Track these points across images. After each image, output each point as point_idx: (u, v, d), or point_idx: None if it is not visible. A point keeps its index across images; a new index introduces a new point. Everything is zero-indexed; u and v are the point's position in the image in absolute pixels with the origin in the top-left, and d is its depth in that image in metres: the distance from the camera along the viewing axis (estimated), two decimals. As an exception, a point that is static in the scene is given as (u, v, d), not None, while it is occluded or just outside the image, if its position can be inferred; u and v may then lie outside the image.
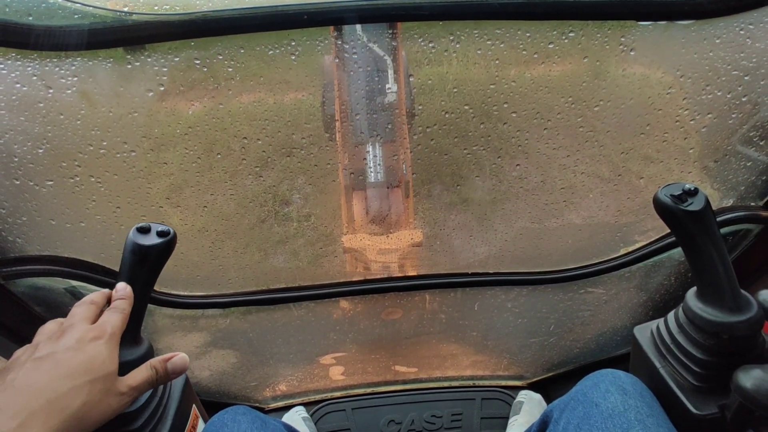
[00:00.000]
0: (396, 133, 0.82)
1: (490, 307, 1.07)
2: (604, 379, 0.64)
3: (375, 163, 0.89)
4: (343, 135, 0.82)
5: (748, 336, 0.59)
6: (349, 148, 0.85)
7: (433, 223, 0.91)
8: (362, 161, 0.88)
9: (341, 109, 0.79)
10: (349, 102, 0.77)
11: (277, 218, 0.89)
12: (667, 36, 0.62)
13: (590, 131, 0.72)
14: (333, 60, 0.70)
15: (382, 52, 0.73)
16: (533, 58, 0.63)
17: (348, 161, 0.87)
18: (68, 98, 0.62)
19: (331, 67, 0.72)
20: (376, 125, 0.81)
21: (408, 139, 0.81)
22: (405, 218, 0.94)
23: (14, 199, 0.71)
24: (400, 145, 0.83)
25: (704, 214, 0.59)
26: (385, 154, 0.87)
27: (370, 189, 0.94)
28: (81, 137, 0.66)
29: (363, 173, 0.90)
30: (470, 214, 0.90)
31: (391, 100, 0.78)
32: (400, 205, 0.94)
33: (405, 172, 0.88)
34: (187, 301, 0.92)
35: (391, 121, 0.79)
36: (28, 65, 0.58)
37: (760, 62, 0.63)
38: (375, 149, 0.87)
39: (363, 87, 0.75)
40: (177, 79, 0.62)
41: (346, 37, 0.67)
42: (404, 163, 0.86)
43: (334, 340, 1.15)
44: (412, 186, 0.88)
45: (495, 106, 0.69)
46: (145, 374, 0.50)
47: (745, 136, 0.72)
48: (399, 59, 0.73)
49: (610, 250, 0.92)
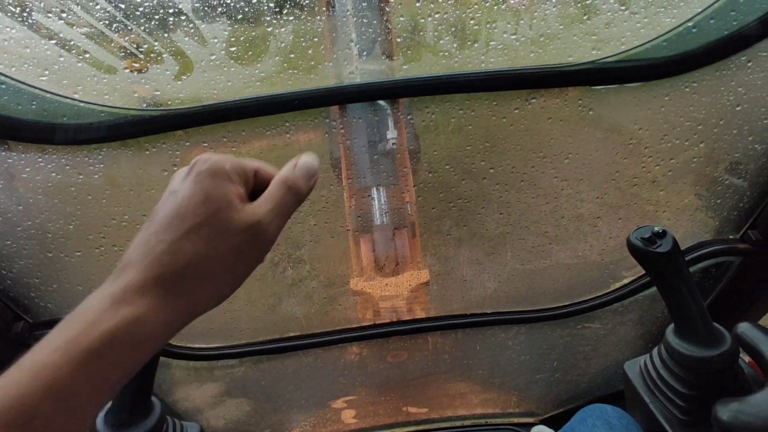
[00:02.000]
0: (399, 177, 0.86)
1: (492, 346, 1.10)
2: (591, 414, 0.67)
3: (380, 207, 0.94)
4: (347, 180, 0.88)
5: (724, 369, 0.62)
6: (354, 193, 0.90)
7: (434, 266, 0.96)
8: (368, 205, 0.93)
9: (345, 157, 0.84)
10: (351, 151, 0.82)
11: (291, 261, 0.95)
12: (621, 97, 0.68)
13: (564, 180, 0.78)
14: (329, 130, 0.77)
15: (378, 111, 0.78)
16: (502, 122, 0.71)
17: (354, 205, 0.92)
18: (96, 182, 0.71)
19: (332, 129, 0.78)
20: (379, 173, 0.85)
21: (412, 182, 0.85)
22: (411, 260, 0.98)
23: (47, 270, 0.80)
24: (404, 189, 0.88)
25: (672, 255, 0.63)
26: (390, 198, 0.92)
27: (376, 232, 0.99)
28: (106, 213, 0.75)
29: (369, 217, 0.94)
30: (466, 257, 0.95)
31: (392, 148, 0.83)
32: (405, 248, 0.99)
33: (410, 213, 0.93)
34: (202, 353, 0.98)
35: (394, 166, 0.84)
36: (62, 157, 0.68)
37: (709, 113, 0.69)
38: (379, 193, 0.92)
39: (362, 142, 0.80)
40: (188, 159, 0.71)
41: (336, 112, 0.75)
42: (409, 204, 0.91)
43: (344, 384, 1.18)
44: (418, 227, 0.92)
45: (473, 164, 0.76)
46: (279, 191, 0.36)
47: (711, 176, 0.77)
48: (397, 111, 0.79)
49: (601, 286, 0.96)
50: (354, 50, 0.66)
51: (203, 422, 1.14)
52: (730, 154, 0.74)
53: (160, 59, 0.64)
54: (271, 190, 0.36)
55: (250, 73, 0.66)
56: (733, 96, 0.67)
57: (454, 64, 0.67)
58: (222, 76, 0.66)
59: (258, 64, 0.66)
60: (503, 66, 0.66)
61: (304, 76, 0.66)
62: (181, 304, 0.31)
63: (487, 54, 0.66)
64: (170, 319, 0.31)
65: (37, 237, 0.76)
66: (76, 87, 0.64)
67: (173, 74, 0.65)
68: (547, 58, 0.65)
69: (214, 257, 0.32)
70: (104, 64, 0.63)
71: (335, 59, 0.67)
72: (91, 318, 0.29)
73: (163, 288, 0.31)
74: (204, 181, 0.33)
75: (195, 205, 0.33)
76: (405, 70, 0.68)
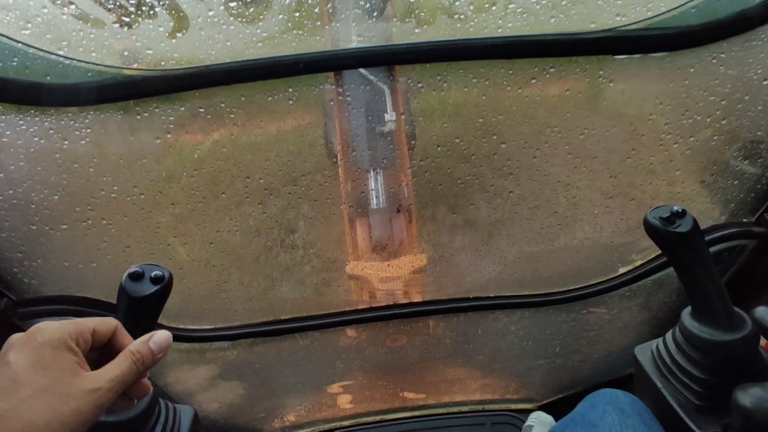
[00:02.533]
0: (397, 160, 0.83)
1: (494, 330, 1.08)
2: (601, 399, 0.64)
3: (377, 190, 0.90)
4: (344, 163, 0.84)
5: (745, 354, 0.60)
6: (351, 176, 0.87)
7: (435, 248, 0.93)
8: (364, 188, 0.90)
9: (342, 139, 0.81)
10: (348, 131, 0.80)
11: (284, 246, 0.92)
12: (643, 67, 0.65)
13: (578, 158, 0.75)
14: (331, 99, 0.73)
15: (379, 86, 0.75)
16: (517, 92, 0.67)
17: (350, 189, 0.89)
18: (82, 148, 0.66)
19: (330, 103, 0.75)
20: (377, 153, 0.82)
21: (409, 165, 0.82)
22: (408, 244, 0.96)
23: (30, 243, 0.75)
24: (401, 172, 0.85)
25: (692, 235, 0.61)
26: (387, 181, 0.89)
27: (372, 216, 0.96)
28: (93, 183, 0.70)
29: (366, 200, 0.92)
30: (470, 239, 0.92)
31: (391, 129, 0.80)
32: (403, 232, 0.96)
33: (407, 197, 0.90)
34: (195, 335, 0.95)
35: (391, 149, 0.81)
36: (45, 120, 0.63)
37: (735, 87, 0.66)
38: (376, 176, 0.89)
39: (362, 117, 0.77)
40: (183, 126, 0.67)
41: (343, 79, 0.70)
42: (406, 188, 0.88)
43: (341, 368, 1.16)
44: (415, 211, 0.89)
45: (485, 138, 0.72)
46: (123, 363, 0.41)
47: (729, 156, 0.74)
48: (397, 87, 0.75)
49: (609, 270, 0.94)
50: (363, 10, 0.61)
51: (196, 405, 1.11)
52: (752, 132, 0.71)
53: (152, 14, 0.59)
54: (117, 361, 0.41)
55: (251, 33, 0.61)
56: (761, 69, 0.64)
57: (469, 29, 0.62)
58: (220, 34, 0.61)
59: (260, 23, 0.61)
60: (522, 32, 0.62)
61: (310, 37, 0.62)
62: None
63: (505, 18, 0.62)
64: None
65: (20, 208, 0.71)
66: (60, 42, 0.59)
67: (167, 31, 0.60)
68: (569, 24, 0.61)
69: (56, 419, 0.35)
70: (91, 17, 0.58)
71: (343, 20, 0.62)
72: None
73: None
74: (43, 353, 0.37)
75: (34, 375, 0.36)
76: (417, 35, 0.64)
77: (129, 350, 0.42)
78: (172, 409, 0.68)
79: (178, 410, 0.70)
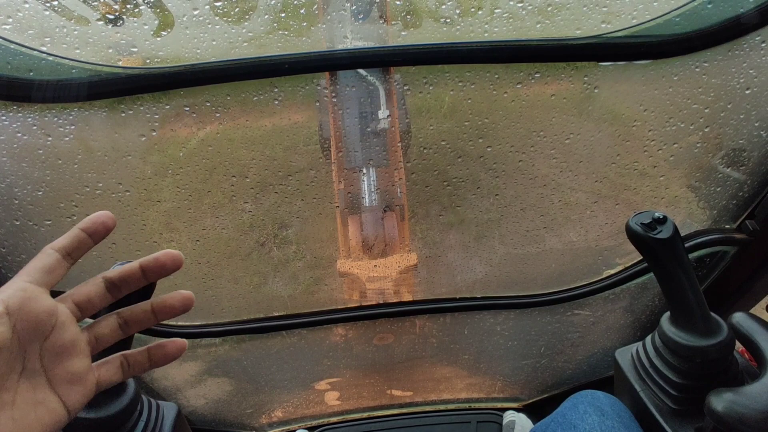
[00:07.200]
0: (389, 157, 0.83)
1: (480, 330, 1.08)
2: (582, 400, 0.65)
3: (369, 188, 0.90)
4: (337, 160, 0.84)
5: (720, 359, 0.61)
6: (343, 173, 0.87)
7: (425, 248, 0.93)
8: (357, 185, 0.90)
9: (335, 135, 0.81)
10: (342, 129, 0.79)
11: (274, 243, 0.92)
12: (628, 74, 0.65)
13: (563, 162, 0.75)
14: (318, 100, 0.73)
15: (370, 85, 0.75)
16: (503, 96, 0.67)
17: (343, 186, 0.89)
18: (66, 145, 0.66)
19: (317, 104, 0.75)
20: (370, 150, 0.82)
21: (403, 163, 0.82)
22: (399, 242, 0.96)
23: (14, 238, 0.75)
24: (394, 169, 0.85)
25: (672, 242, 0.61)
26: (380, 179, 0.88)
27: (365, 213, 0.96)
28: (78, 180, 0.70)
29: (358, 198, 0.91)
30: (456, 241, 0.93)
31: (383, 127, 0.80)
32: (394, 230, 0.96)
33: (399, 195, 0.90)
34: (182, 331, 0.95)
35: (384, 146, 0.81)
36: (28, 116, 0.63)
37: (718, 96, 0.66)
38: (369, 174, 0.88)
39: (352, 116, 0.77)
40: (168, 124, 0.66)
41: (332, 78, 0.70)
42: (399, 186, 0.88)
43: (329, 366, 1.16)
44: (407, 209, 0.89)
45: (470, 141, 0.72)
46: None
47: (712, 163, 0.75)
48: (390, 84, 0.75)
49: (593, 273, 0.95)
50: (349, 12, 0.61)
51: (183, 402, 1.11)
52: (734, 140, 0.71)
53: (137, 12, 0.59)
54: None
55: (236, 32, 0.61)
56: (743, 78, 0.65)
57: (455, 33, 0.63)
58: (206, 33, 0.61)
59: (245, 23, 0.61)
60: (507, 36, 0.62)
61: (295, 38, 0.62)
62: None
63: (491, 23, 0.62)
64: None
65: (3, 203, 0.70)
66: (43, 38, 0.58)
67: (152, 29, 0.60)
68: (554, 30, 0.62)
69: None
70: (75, 14, 0.58)
71: (329, 21, 0.62)
72: None
73: None
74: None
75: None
76: (403, 37, 0.64)
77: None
78: (155, 405, 0.68)
79: (161, 407, 0.70)
